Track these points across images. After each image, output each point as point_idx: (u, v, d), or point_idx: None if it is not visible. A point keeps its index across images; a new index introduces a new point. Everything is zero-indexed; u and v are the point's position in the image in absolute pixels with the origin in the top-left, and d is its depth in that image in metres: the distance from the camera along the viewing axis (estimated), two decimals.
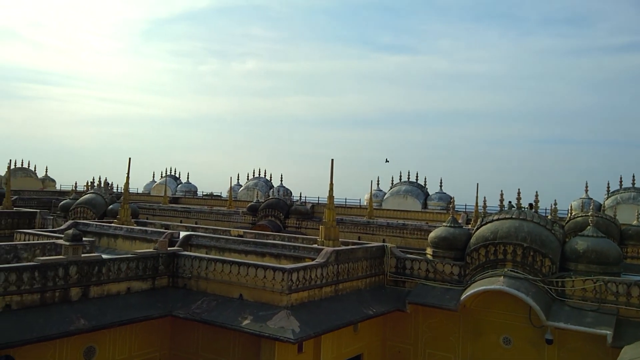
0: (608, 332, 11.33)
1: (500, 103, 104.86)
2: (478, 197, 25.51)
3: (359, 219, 28.27)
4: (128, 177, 20.15)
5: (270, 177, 45.95)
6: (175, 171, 51.92)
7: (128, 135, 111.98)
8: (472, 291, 12.97)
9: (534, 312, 12.22)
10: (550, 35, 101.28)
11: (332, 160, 15.33)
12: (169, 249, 13.36)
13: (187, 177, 50.63)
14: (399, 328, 14.51)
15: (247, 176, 46.88)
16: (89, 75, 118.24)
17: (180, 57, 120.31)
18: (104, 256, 12.03)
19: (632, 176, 29.40)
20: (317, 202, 33.96)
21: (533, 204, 14.92)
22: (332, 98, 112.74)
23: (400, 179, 39.20)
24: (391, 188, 39.07)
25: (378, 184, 40.43)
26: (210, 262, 12.56)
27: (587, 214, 17.03)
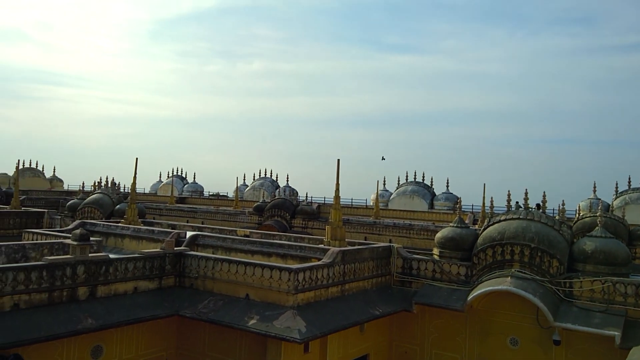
0: (616, 333, 11.26)
1: (507, 103, 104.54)
2: (485, 197, 25.44)
3: (365, 219, 28.26)
4: (135, 177, 20.29)
5: (277, 177, 46.04)
6: (181, 171, 52.14)
7: (135, 136, 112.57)
8: (479, 292, 12.92)
9: (541, 312, 12.15)
10: (558, 34, 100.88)
11: (338, 160, 15.35)
12: (175, 248, 13.40)
13: (194, 177, 50.82)
14: (405, 328, 14.48)
15: (253, 176, 46.99)
16: (96, 75, 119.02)
17: (186, 58, 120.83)
18: (111, 256, 12.07)
19: None
20: (323, 202, 33.96)
21: (540, 204, 14.85)
22: (338, 98, 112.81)
23: (407, 179, 39.15)
24: (397, 188, 39.02)
25: (384, 184, 40.37)
26: (216, 262, 12.59)
27: (595, 214, 16.93)
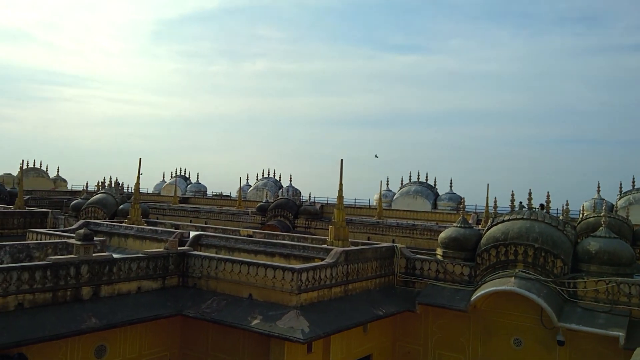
0: (620, 333, 11.23)
1: (512, 103, 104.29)
2: (488, 197, 25.44)
3: (369, 219, 28.24)
4: (139, 177, 20.29)
5: (280, 177, 46.07)
6: (185, 171, 52.24)
7: (138, 136, 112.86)
8: (483, 292, 12.89)
9: (545, 313, 12.12)
10: (563, 34, 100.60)
11: (342, 160, 15.34)
12: (179, 248, 13.42)
13: (197, 177, 50.89)
14: (408, 328, 14.46)
15: (257, 176, 47.04)
16: (100, 76, 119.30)
17: (189, 58, 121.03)
18: (114, 256, 12.09)
19: None
20: (326, 202, 33.95)
21: (544, 205, 14.81)
22: (342, 98, 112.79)
23: (410, 179, 39.11)
24: (401, 188, 38.99)
25: (387, 184, 40.40)
26: (220, 261, 12.60)
27: (600, 214, 16.87)
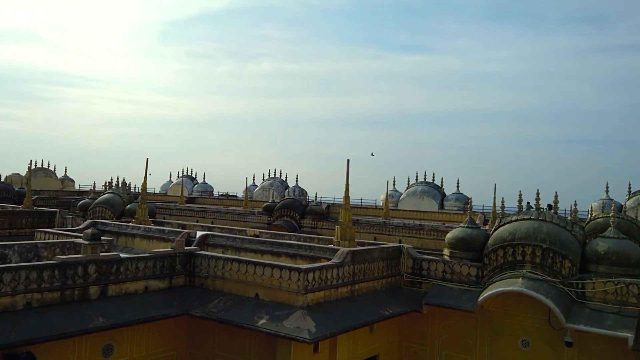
0: (629, 334, 11.13)
1: (518, 103, 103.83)
2: (496, 197, 25.34)
3: (375, 219, 28.21)
4: (145, 177, 20.39)
5: (286, 177, 46.09)
6: (191, 171, 52.34)
7: (145, 136, 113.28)
8: (490, 292, 12.83)
9: (553, 314, 12.04)
10: (569, 34, 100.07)
11: (348, 160, 15.33)
12: (185, 248, 13.44)
13: (204, 178, 50.99)
14: (415, 329, 14.41)
15: (263, 176, 47.08)
16: (107, 76, 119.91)
17: (196, 58, 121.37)
18: (122, 255, 12.13)
19: None
20: (332, 202, 33.91)
21: (552, 205, 14.72)
22: (348, 98, 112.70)
23: (417, 180, 39.00)
24: (407, 188, 38.89)
25: (394, 184, 40.30)
26: (226, 261, 12.61)
27: (608, 214, 16.72)
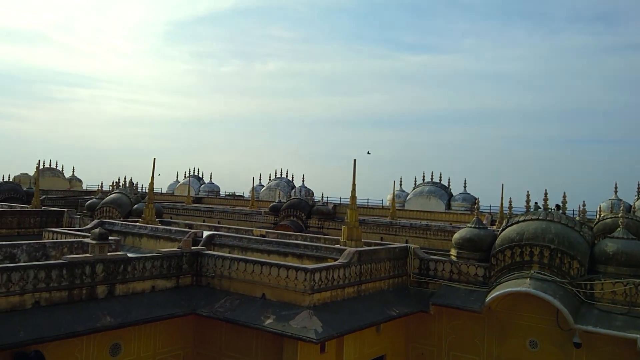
0: (638, 336, 11.05)
1: (527, 102, 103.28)
2: (503, 197, 25.24)
3: (382, 219, 28.17)
4: (153, 177, 20.46)
5: (292, 177, 46.18)
6: (198, 171, 52.54)
7: (152, 136, 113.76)
8: (498, 293, 12.76)
9: (561, 315, 11.97)
10: (580, 33, 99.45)
11: (355, 160, 15.29)
12: (192, 248, 13.47)
13: (210, 177, 51.18)
14: (422, 329, 14.36)
15: (269, 176, 47.17)
16: (114, 77, 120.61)
17: (202, 59, 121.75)
18: (129, 255, 12.17)
19: None
20: (338, 202, 33.90)
21: (560, 205, 14.63)
22: (354, 98, 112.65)
23: (424, 180, 38.93)
24: (414, 189, 38.83)
25: (401, 184, 40.24)
26: (233, 261, 12.63)
27: (617, 215, 16.60)
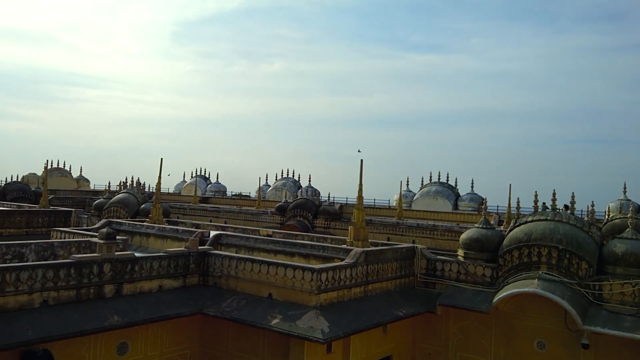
0: None
1: (535, 102, 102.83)
2: (511, 198, 25.11)
3: (388, 219, 28.11)
4: (160, 177, 20.52)
5: (299, 177, 46.22)
6: (205, 171, 52.72)
7: (159, 136, 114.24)
8: (505, 294, 12.70)
9: (569, 315, 11.89)
10: (587, 32, 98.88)
11: (362, 160, 15.25)
12: (199, 248, 13.50)
13: (217, 177, 51.36)
14: (429, 330, 14.32)
15: (276, 176, 47.24)
16: (121, 77, 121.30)
17: (209, 59, 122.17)
18: (136, 254, 12.22)
19: None
20: (345, 202, 33.90)
21: (569, 205, 14.54)
22: (361, 98, 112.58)
23: (431, 180, 38.85)
24: (421, 189, 38.76)
25: (407, 184, 40.19)
26: (240, 261, 12.64)
27: (626, 215, 16.47)
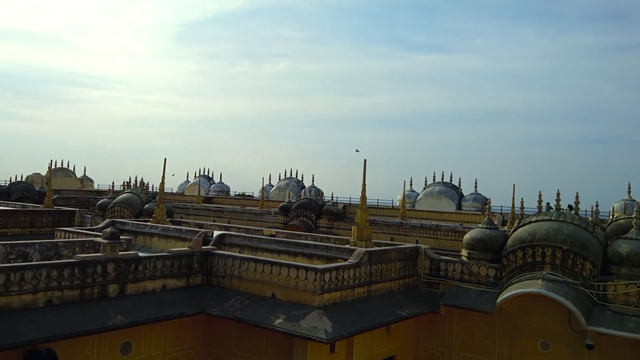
0: None
1: (538, 102, 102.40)
2: (515, 198, 25.04)
3: (392, 219, 28.08)
4: (163, 177, 20.54)
5: (302, 177, 46.16)
6: (208, 171, 52.70)
7: (163, 136, 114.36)
8: (509, 294, 12.67)
9: (573, 316, 11.85)
10: (591, 32, 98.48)
11: (365, 160, 15.24)
12: (203, 247, 13.51)
13: (220, 177, 51.30)
14: (432, 330, 14.30)
15: (279, 176, 47.20)
16: (125, 77, 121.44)
17: (212, 59, 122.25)
18: (140, 254, 12.24)
19: None
20: (348, 202, 33.85)
21: (573, 206, 14.48)
22: (364, 98, 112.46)
23: (434, 180, 38.75)
24: (424, 189, 38.66)
25: (411, 184, 40.10)
26: (243, 261, 12.65)
27: (630, 215, 16.42)
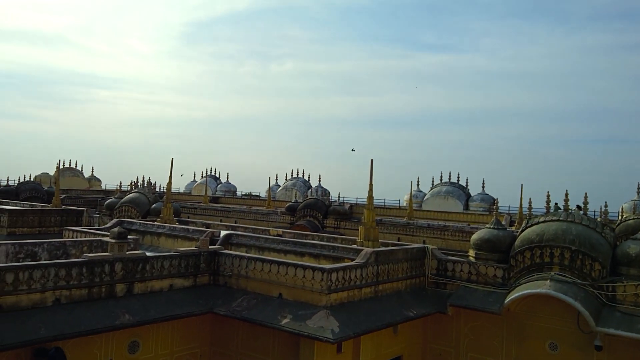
0: None
1: (547, 101, 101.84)
2: (523, 198, 24.95)
3: (399, 219, 28.03)
4: (171, 177, 20.63)
5: (309, 177, 46.21)
6: (215, 171, 52.84)
7: (170, 136, 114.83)
8: (517, 294, 12.60)
9: (582, 317, 11.76)
10: (601, 31, 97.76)
11: (372, 160, 15.21)
12: (210, 247, 13.53)
13: (227, 177, 51.47)
14: (440, 330, 14.25)
15: (286, 176, 47.25)
16: (132, 77, 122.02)
17: (220, 59, 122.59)
18: (147, 254, 12.27)
19: None
20: (355, 202, 33.84)
21: (581, 206, 14.39)
22: (372, 98, 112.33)
23: (441, 180, 38.66)
24: (431, 189, 38.59)
25: (418, 184, 40.03)
26: (250, 260, 12.66)
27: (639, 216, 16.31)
